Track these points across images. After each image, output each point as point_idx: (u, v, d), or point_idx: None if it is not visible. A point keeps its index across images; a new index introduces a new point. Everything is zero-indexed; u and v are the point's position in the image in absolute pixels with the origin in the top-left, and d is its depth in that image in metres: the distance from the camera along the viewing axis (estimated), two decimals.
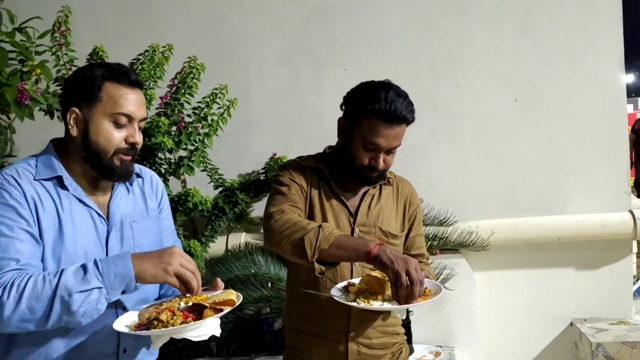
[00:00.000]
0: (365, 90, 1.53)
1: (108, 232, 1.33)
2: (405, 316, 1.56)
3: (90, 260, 1.19)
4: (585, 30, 3.15)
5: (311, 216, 1.55)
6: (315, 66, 3.33)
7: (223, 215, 3.01)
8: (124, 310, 1.30)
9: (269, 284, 2.88)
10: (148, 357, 1.40)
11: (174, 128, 2.86)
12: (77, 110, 1.28)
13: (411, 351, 1.89)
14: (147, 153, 2.76)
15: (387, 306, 1.36)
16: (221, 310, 1.20)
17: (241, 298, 1.27)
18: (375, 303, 1.37)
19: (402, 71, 3.12)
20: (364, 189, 1.63)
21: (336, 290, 1.46)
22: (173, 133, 2.85)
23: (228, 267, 2.88)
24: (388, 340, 1.65)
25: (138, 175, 1.45)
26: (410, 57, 3.25)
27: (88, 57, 2.90)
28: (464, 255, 3.18)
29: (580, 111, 3.17)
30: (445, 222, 3.10)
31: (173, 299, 1.26)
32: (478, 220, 3.16)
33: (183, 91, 2.87)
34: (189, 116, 2.91)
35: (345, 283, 1.49)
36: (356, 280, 1.50)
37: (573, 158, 3.18)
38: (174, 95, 2.88)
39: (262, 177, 3.13)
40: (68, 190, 1.29)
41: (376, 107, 1.47)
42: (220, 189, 3.11)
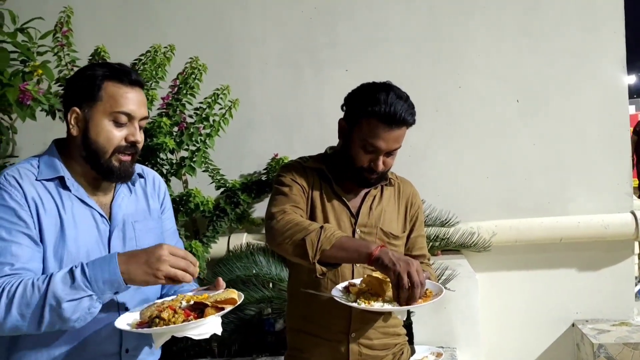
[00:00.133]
0: (365, 91, 1.53)
1: (110, 233, 1.33)
2: (406, 317, 1.55)
3: (78, 265, 1.16)
4: (587, 30, 3.14)
5: (312, 217, 1.55)
6: (316, 67, 3.33)
7: (224, 215, 3.01)
8: (126, 310, 1.30)
9: (271, 285, 2.88)
10: (150, 357, 1.40)
11: (176, 128, 2.86)
12: (78, 109, 1.28)
13: (412, 352, 1.89)
14: (149, 153, 2.77)
15: (388, 307, 1.36)
16: (223, 308, 1.20)
17: (242, 297, 1.26)
18: (375, 304, 1.37)
19: (403, 72, 3.13)
20: (365, 190, 1.62)
21: (337, 290, 1.46)
22: (175, 133, 2.86)
23: (229, 268, 2.88)
24: (389, 341, 1.65)
25: (140, 175, 1.45)
26: (411, 58, 3.24)
27: (90, 58, 2.91)
28: (466, 256, 3.17)
29: (581, 112, 3.16)
30: (446, 223, 3.10)
31: (175, 298, 1.26)
32: (479, 221, 3.16)
33: (185, 92, 2.88)
34: (191, 117, 2.91)
35: (346, 283, 1.49)
36: (357, 280, 1.49)
37: (575, 159, 3.17)
38: (176, 95, 2.89)
39: (264, 178, 3.13)
40: (70, 190, 1.29)
41: (376, 110, 1.47)
42: (221, 190, 3.11)
